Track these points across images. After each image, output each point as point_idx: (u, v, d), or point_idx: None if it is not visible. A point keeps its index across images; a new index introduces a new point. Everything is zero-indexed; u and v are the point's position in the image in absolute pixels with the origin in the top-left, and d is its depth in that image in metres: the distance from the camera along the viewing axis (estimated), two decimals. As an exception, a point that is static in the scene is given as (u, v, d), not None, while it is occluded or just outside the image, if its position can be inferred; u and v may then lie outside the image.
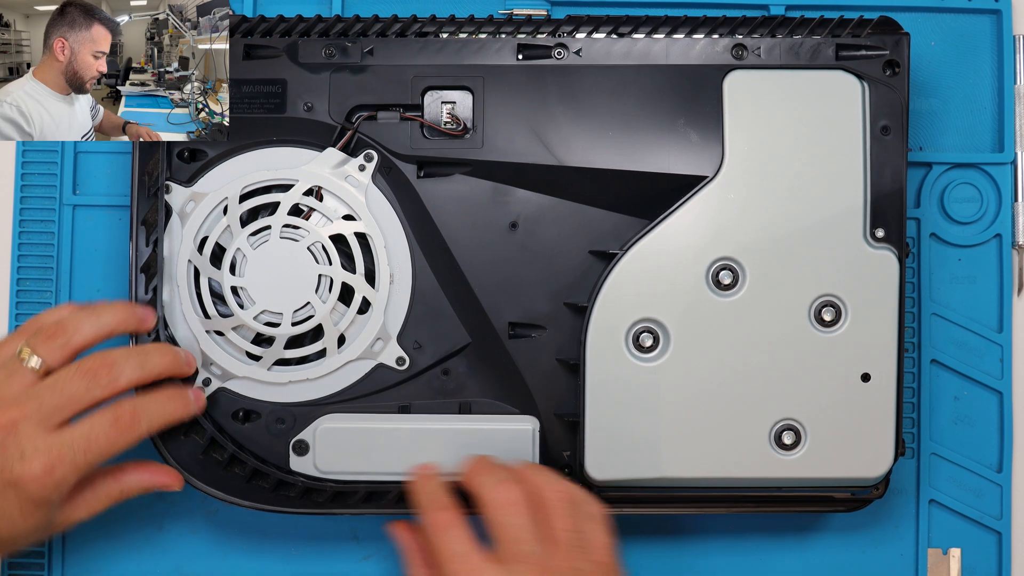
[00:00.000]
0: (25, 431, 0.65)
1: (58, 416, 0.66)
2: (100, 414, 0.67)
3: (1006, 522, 0.82)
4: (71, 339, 0.68)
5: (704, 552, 0.83)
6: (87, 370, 0.67)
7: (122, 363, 0.68)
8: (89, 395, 0.67)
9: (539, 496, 0.68)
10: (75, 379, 0.66)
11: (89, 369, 0.67)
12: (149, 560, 0.82)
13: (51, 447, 0.65)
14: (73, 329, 0.68)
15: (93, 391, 0.67)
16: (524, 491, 0.68)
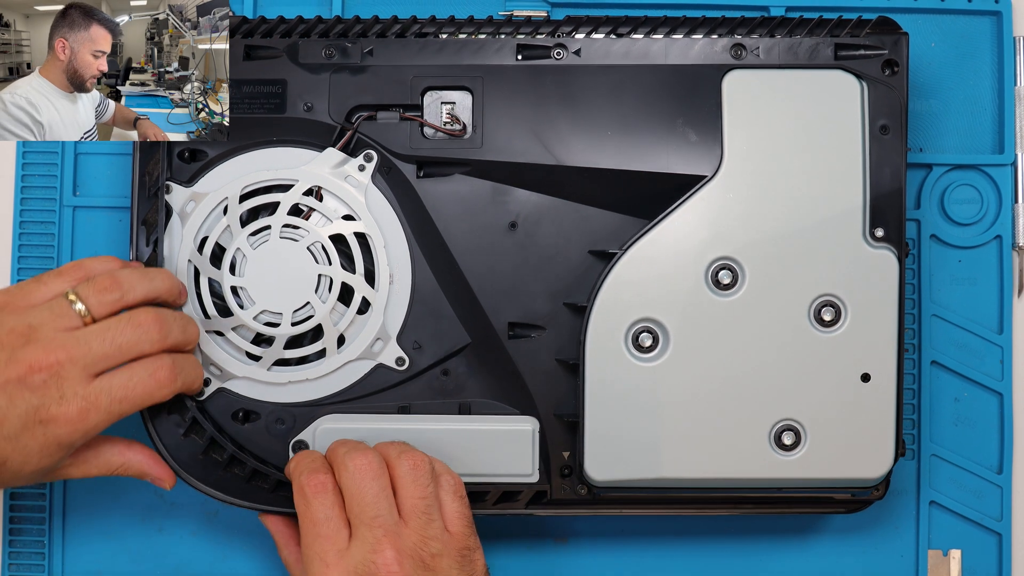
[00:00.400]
0: (69, 374, 0.64)
1: (103, 364, 0.66)
2: (139, 365, 0.67)
3: (1006, 523, 0.82)
4: (125, 295, 0.68)
5: (704, 553, 0.82)
6: (139, 323, 0.67)
7: (171, 323, 0.68)
8: (136, 348, 0.67)
9: (391, 464, 0.69)
10: (127, 330, 0.66)
11: (141, 323, 0.67)
12: (149, 561, 0.82)
13: (89, 393, 0.65)
14: (128, 286, 0.68)
15: (141, 345, 0.67)
16: (376, 459, 0.68)
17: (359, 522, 0.66)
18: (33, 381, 0.64)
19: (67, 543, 0.82)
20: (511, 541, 0.82)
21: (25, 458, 0.65)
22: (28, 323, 0.65)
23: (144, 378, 0.67)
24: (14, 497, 0.82)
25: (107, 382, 0.66)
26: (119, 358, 0.66)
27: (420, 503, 0.67)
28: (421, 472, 0.68)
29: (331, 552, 0.66)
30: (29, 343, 0.64)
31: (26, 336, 0.65)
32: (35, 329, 0.65)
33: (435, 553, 0.66)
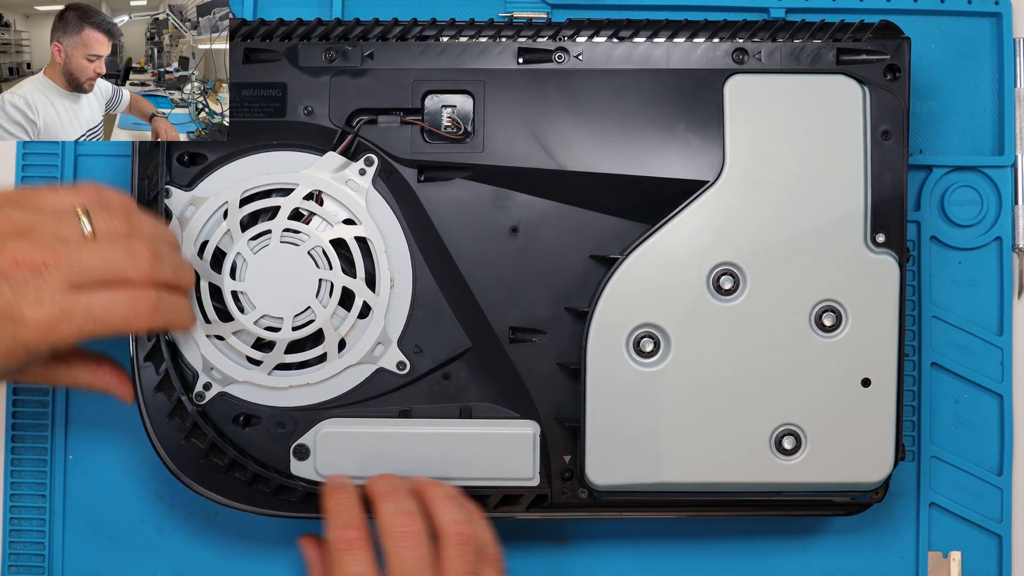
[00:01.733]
0: (51, 279, 0.63)
1: (87, 278, 0.64)
2: (123, 291, 0.65)
3: (1006, 525, 0.83)
4: (132, 232, 0.67)
5: (704, 557, 0.83)
6: (133, 251, 0.65)
7: (165, 259, 0.67)
8: (123, 273, 0.65)
9: (439, 531, 0.68)
10: (119, 253, 0.65)
11: (136, 251, 0.65)
12: (149, 563, 0.82)
13: (67, 303, 0.63)
14: (137, 225, 0.67)
15: (129, 272, 0.65)
16: (424, 524, 0.68)
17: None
18: (14, 276, 0.62)
19: (67, 544, 0.82)
20: (512, 543, 0.82)
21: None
22: (28, 221, 0.64)
23: (124, 304, 0.65)
24: (14, 498, 0.82)
25: (87, 298, 0.64)
26: (104, 278, 0.64)
27: None
28: (470, 548, 0.68)
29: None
30: (22, 238, 0.63)
31: (22, 232, 0.63)
32: (33, 228, 0.63)
33: None
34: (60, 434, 0.82)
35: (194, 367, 0.74)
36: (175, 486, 0.78)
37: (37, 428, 0.82)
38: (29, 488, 0.82)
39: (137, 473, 0.82)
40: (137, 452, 0.82)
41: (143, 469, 0.82)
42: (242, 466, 0.73)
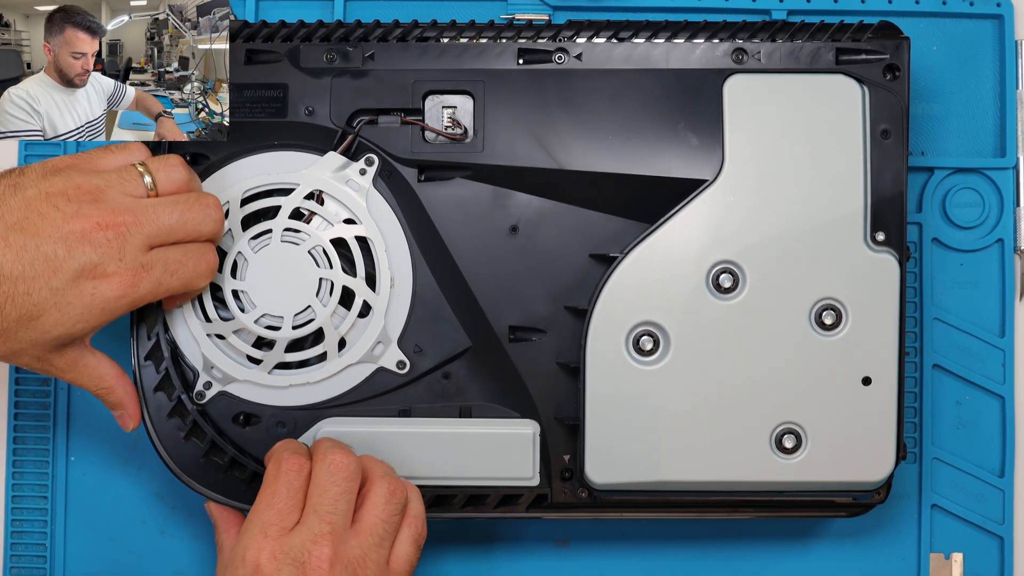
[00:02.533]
0: (133, 238, 0.64)
1: (164, 237, 0.66)
2: (190, 248, 0.67)
3: (1008, 527, 0.82)
4: (191, 182, 0.69)
5: (704, 557, 0.83)
6: (207, 204, 0.68)
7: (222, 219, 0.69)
8: (197, 228, 0.67)
9: (371, 479, 0.69)
10: (196, 207, 0.67)
11: (209, 204, 0.68)
12: (151, 564, 0.82)
13: (147, 260, 0.65)
14: (191, 173, 0.69)
15: (202, 227, 0.67)
16: (356, 465, 0.68)
17: (312, 511, 0.66)
18: (96, 237, 0.63)
19: (68, 545, 0.82)
20: (512, 544, 0.82)
21: (62, 316, 0.64)
22: (96, 184, 0.65)
23: (196, 257, 0.67)
24: (16, 499, 0.82)
25: (163, 253, 0.66)
26: (180, 234, 0.66)
27: (380, 525, 0.67)
28: (395, 500, 0.68)
29: (275, 526, 0.65)
30: (97, 201, 0.64)
31: (94, 195, 0.64)
32: (103, 190, 0.65)
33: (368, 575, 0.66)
34: (62, 435, 0.82)
35: (194, 366, 0.74)
36: (177, 487, 0.78)
37: (39, 429, 0.82)
38: (31, 489, 0.82)
39: (138, 474, 0.82)
40: (138, 453, 0.82)
41: (144, 470, 0.82)
42: (242, 465, 0.73)
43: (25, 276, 0.62)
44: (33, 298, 0.63)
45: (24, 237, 0.63)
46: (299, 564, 0.64)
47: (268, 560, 0.64)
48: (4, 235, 0.62)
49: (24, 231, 0.63)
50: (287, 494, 0.66)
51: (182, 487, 0.74)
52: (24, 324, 0.63)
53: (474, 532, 0.82)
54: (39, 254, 0.63)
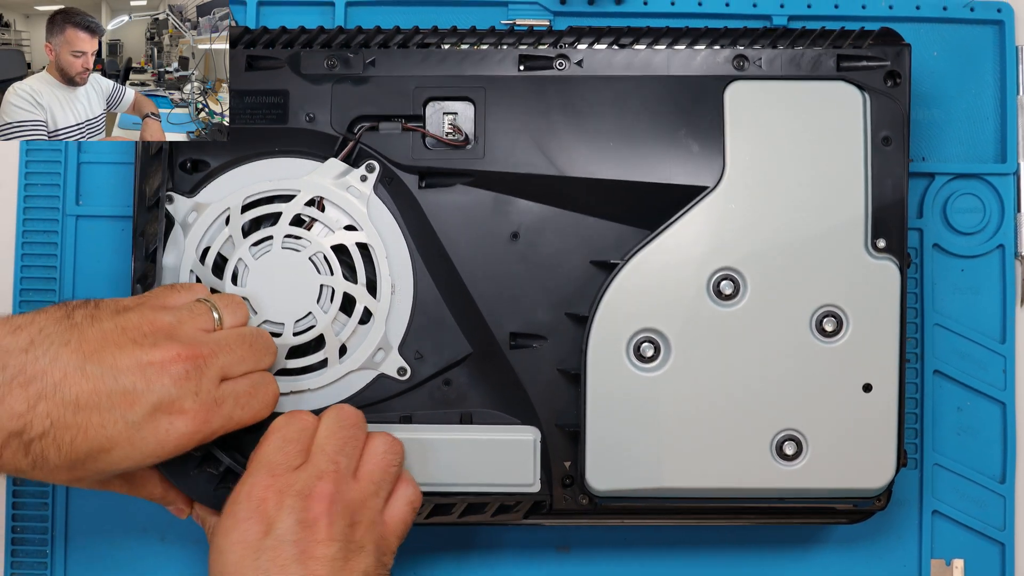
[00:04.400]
0: (208, 371, 0.65)
1: (233, 369, 0.67)
2: (257, 376, 0.69)
3: (1009, 533, 0.82)
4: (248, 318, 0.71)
5: (705, 564, 0.82)
6: (266, 340, 0.70)
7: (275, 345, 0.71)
8: (258, 361, 0.69)
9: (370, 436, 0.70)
10: (258, 343, 0.69)
11: (267, 341, 0.70)
12: (151, 569, 0.82)
13: (219, 394, 0.65)
14: (247, 313, 0.71)
15: (265, 357, 0.70)
16: (363, 421, 0.71)
17: (320, 451, 0.67)
18: (174, 370, 0.63)
19: (69, 551, 0.82)
20: (513, 550, 0.82)
21: (134, 451, 0.63)
22: (169, 320, 0.66)
23: (263, 389, 0.69)
24: (16, 507, 0.82)
25: (233, 386, 0.67)
26: (246, 367, 0.68)
27: (378, 473, 0.69)
28: (394, 451, 0.70)
29: (281, 465, 0.67)
30: (172, 336, 0.65)
31: (169, 331, 0.65)
32: (176, 326, 0.66)
33: (363, 521, 0.67)
34: (63, 441, 0.82)
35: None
36: (177, 493, 0.78)
37: (40, 435, 0.82)
38: (32, 495, 0.82)
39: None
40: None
41: (145, 476, 0.82)
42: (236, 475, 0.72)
43: (101, 408, 0.62)
44: (107, 431, 0.62)
45: (102, 369, 0.62)
46: (303, 496, 0.65)
47: (273, 495, 0.65)
48: (81, 365, 0.62)
49: (102, 363, 0.62)
50: (295, 435, 0.68)
51: (183, 493, 0.74)
52: (94, 457, 0.63)
53: (475, 538, 0.82)
54: (117, 386, 0.62)
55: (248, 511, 0.65)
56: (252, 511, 0.65)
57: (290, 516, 0.65)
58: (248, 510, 0.65)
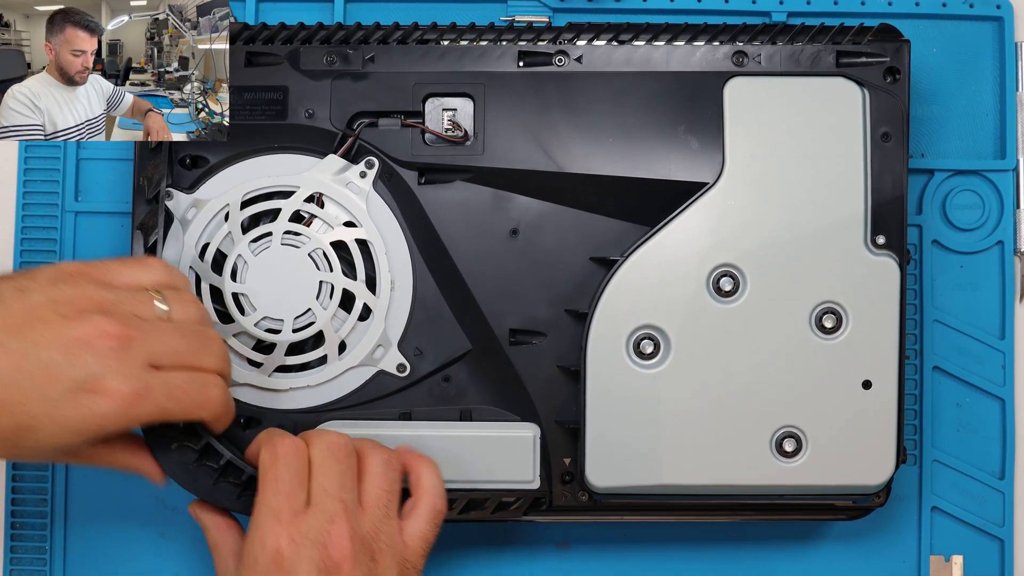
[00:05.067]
0: (136, 352, 0.62)
1: (167, 359, 0.64)
2: (198, 374, 0.65)
3: (1008, 529, 0.82)
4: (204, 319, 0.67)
5: (705, 560, 0.82)
6: (212, 339, 0.66)
7: (229, 357, 0.68)
8: (200, 360, 0.65)
9: (363, 454, 0.68)
10: (201, 339, 0.66)
11: (214, 340, 0.67)
12: (151, 566, 0.82)
13: (149, 379, 0.62)
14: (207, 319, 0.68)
15: (205, 359, 0.66)
16: (350, 443, 0.68)
17: (322, 493, 0.66)
18: (99, 346, 0.61)
19: (68, 548, 0.82)
20: (512, 547, 0.82)
21: (56, 429, 0.61)
22: (106, 297, 0.63)
23: (200, 387, 0.65)
24: (16, 503, 0.82)
25: (166, 375, 0.64)
26: (183, 360, 0.65)
27: (383, 495, 0.67)
28: (391, 467, 0.68)
29: (286, 510, 0.65)
30: (105, 313, 0.62)
31: (103, 307, 0.63)
32: (114, 304, 0.63)
33: (383, 548, 0.66)
34: (62, 437, 0.82)
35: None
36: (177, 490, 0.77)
37: (39, 431, 0.82)
38: (31, 491, 0.82)
39: (139, 477, 0.82)
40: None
41: (145, 472, 0.82)
42: (237, 470, 0.72)
43: (20, 384, 0.60)
44: (27, 408, 0.60)
45: (23, 343, 0.60)
46: (320, 545, 0.64)
47: (288, 544, 0.64)
48: (3, 340, 0.60)
49: (24, 337, 0.60)
50: (289, 476, 0.66)
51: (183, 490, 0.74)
52: (20, 434, 0.61)
53: (475, 535, 0.82)
54: (37, 362, 0.60)
55: (267, 566, 0.64)
56: (270, 566, 0.64)
57: (310, 567, 0.64)
58: (266, 565, 0.64)
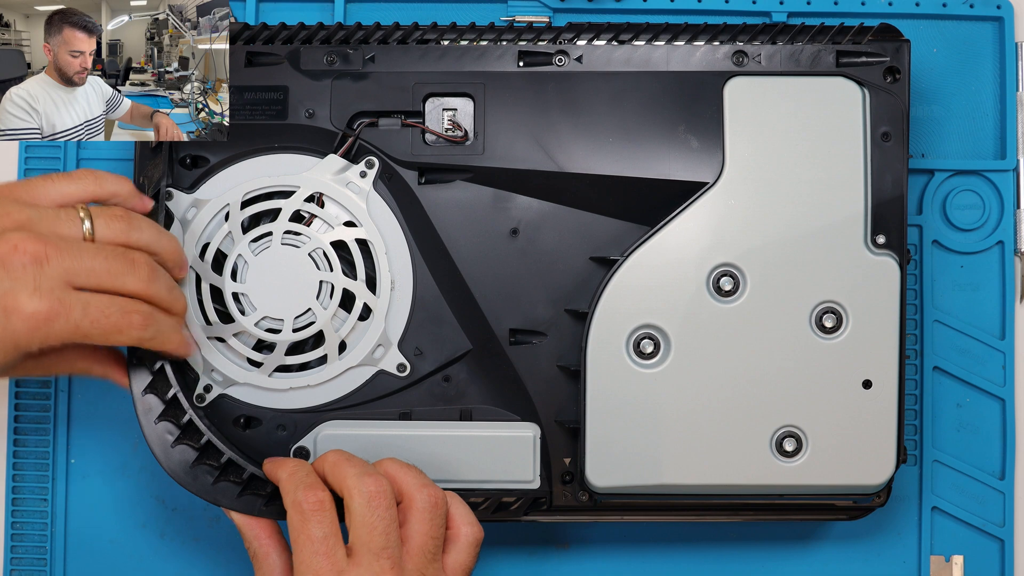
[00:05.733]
0: (52, 269, 0.61)
1: (85, 280, 0.62)
2: (119, 299, 0.64)
3: (1009, 529, 0.82)
4: (131, 233, 0.65)
5: (705, 560, 0.82)
6: (133, 259, 0.64)
7: (160, 277, 0.66)
8: (121, 280, 0.63)
9: (409, 494, 0.67)
10: (120, 259, 0.64)
11: (136, 260, 0.64)
12: (151, 567, 0.82)
13: (65, 296, 0.61)
14: (137, 227, 0.66)
15: (127, 281, 0.64)
16: (388, 487, 0.67)
17: (365, 549, 0.64)
18: (12, 262, 0.60)
19: (69, 548, 0.82)
20: (512, 547, 0.82)
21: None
22: (28, 215, 0.62)
23: (118, 311, 0.63)
24: (16, 502, 0.82)
25: (85, 296, 0.62)
26: (102, 281, 0.63)
27: (430, 543, 0.66)
28: (439, 511, 0.67)
29: (329, 571, 0.64)
30: (22, 229, 0.61)
31: (21, 224, 0.62)
32: (33, 222, 0.62)
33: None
34: (62, 438, 0.82)
35: (195, 369, 0.74)
36: (177, 490, 0.78)
37: (39, 432, 0.82)
38: (31, 492, 0.82)
39: (139, 477, 0.82)
40: (139, 456, 0.82)
41: (145, 473, 0.82)
42: (237, 468, 0.72)
43: None
44: None
45: None
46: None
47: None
48: None
49: None
50: (324, 535, 0.65)
51: (182, 490, 0.74)
52: None
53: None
54: None
55: None
56: None
57: None
58: None
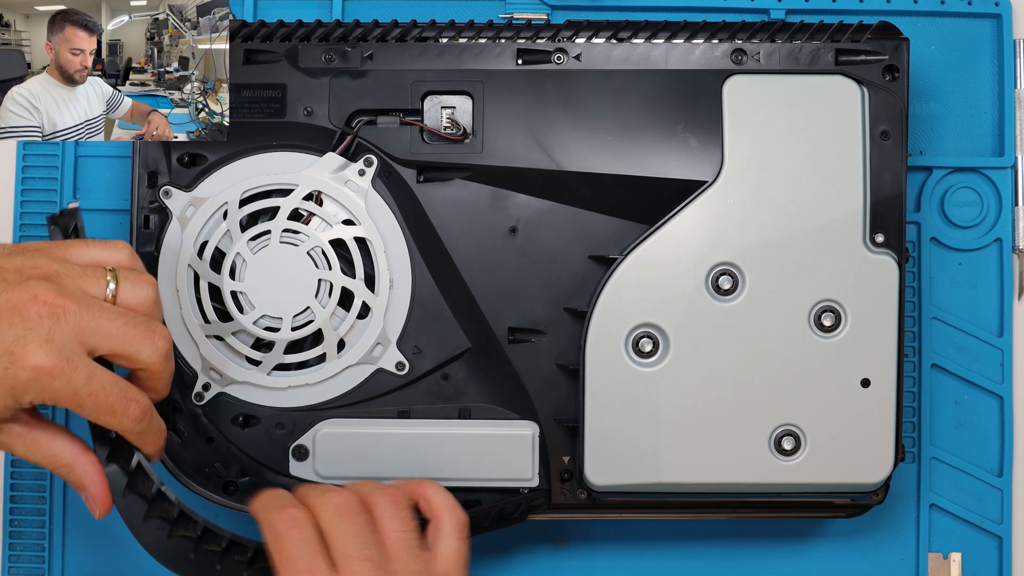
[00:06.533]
0: (68, 325, 0.59)
1: (99, 341, 0.60)
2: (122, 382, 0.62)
3: (1007, 526, 0.82)
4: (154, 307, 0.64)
5: (704, 559, 0.83)
6: (155, 331, 0.62)
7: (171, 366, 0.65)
8: (135, 349, 0.61)
9: (369, 501, 0.66)
10: (139, 328, 0.62)
11: (158, 333, 0.62)
12: (150, 565, 0.82)
13: (72, 358, 0.59)
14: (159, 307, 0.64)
15: (141, 351, 0.62)
16: (353, 496, 0.66)
17: (346, 558, 0.63)
18: (30, 311, 0.59)
19: (67, 546, 0.82)
20: (511, 545, 0.82)
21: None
22: (55, 269, 0.61)
23: (120, 393, 0.62)
24: (14, 500, 0.82)
25: (94, 366, 0.61)
26: (115, 346, 0.61)
27: (403, 536, 0.65)
28: (400, 505, 0.66)
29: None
30: (46, 281, 0.60)
31: (47, 275, 0.61)
32: (59, 275, 0.61)
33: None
34: (60, 435, 0.82)
35: (193, 367, 0.74)
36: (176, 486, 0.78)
37: (37, 429, 0.82)
38: (29, 489, 0.82)
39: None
40: (137, 453, 0.82)
41: (143, 470, 0.82)
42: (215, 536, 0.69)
43: None
44: None
45: None
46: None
47: None
48: None
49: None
50: (301, 551, 0.64)
51: (181, 487, 0.74)
52: None
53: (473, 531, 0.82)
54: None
55: None
56: None
57: None
58: None
